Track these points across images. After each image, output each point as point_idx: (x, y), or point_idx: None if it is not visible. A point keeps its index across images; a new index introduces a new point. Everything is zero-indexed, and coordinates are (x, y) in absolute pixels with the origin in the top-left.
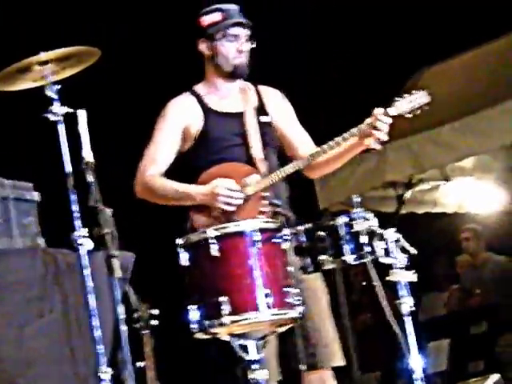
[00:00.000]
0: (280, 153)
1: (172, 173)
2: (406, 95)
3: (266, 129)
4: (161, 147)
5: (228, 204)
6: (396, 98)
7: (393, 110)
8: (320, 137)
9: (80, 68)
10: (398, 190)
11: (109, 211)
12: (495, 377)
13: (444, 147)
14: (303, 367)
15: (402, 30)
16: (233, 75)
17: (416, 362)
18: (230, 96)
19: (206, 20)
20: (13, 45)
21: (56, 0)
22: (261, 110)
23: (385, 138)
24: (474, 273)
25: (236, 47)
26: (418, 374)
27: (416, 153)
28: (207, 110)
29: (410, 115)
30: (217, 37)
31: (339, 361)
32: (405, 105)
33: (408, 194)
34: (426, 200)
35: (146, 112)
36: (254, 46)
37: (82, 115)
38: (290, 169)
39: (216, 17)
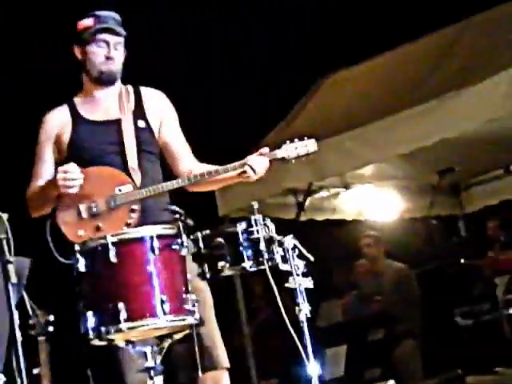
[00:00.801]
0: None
1: None
2: (295, 140)
3: (143, 134)
4: (40, 163)
5: (66, 186)
6: (286, 142)
7: (279, 153)
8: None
9: None
10: (297, 196)
11: (4, 216)
12: (390, 383)
13: (343, 155)
14: (200, 372)
15: (301, 40)
16: (99, 81)
17: (313, 368)
18: (106, 102)
19: (81, 24)
20: None
21: None
22: (138, 114)
23: (256, 177)
24: (373, 279)
25: (104, 53)
26: (315, 381)
27: (316, 160)
28: (77, 119)
29: (293, 161)
30: (87, 41)
31: (227, 363)
32: (292, 149)
33: (307, 201)
34: (325, 207)
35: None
36: (124, 54)
37: None
38: (170, 186)
39: (89, 22)
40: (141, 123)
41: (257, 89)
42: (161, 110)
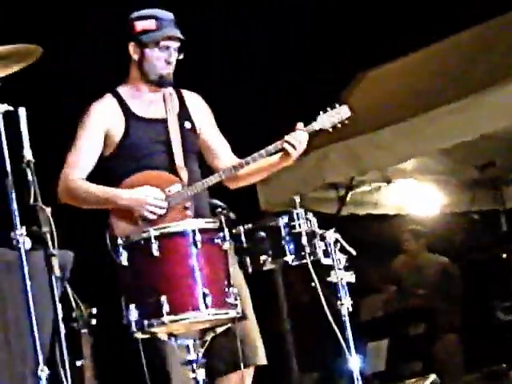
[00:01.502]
0: (200, 159)
1: (94, 178)
2: (328, 109)
3: (189, 135)
4: (82, 152)
5: (152, 213)
6: (320, 113)
7: (315, 125)
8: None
9: (21, 66)
10: (339, 191)
11: (48, 210)
12: (432, 377)
13: (384, 149)
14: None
15: (337, 37)
16: (158, 84)
17: (355, 362)
18: (154, 102)
19: (140, 25)
20: None
21: None
22: (183, 115)
23: (296, 154)
24: (415, 273)
25: (165, 58)
26: (356, 375)
27: (357, 155)
28: (129, 115)
29: (331, 130)
30: (148, 45)
31: (263, 360)
32: (326, 119)
33: (349, 196)
34: (366, 201)
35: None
36: (181, 57)
37: (22, 113)
38: (213, 179)
39: (150, 24)
40: (187, 124)
41: (257, 89)
42: (202, 111)
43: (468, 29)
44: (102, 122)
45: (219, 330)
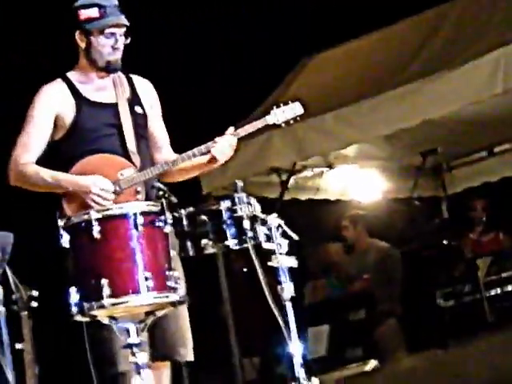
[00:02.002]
0: None
1: (44, 160)
2: (281, 105)
3: (140, 120)
4: (33, 135)
5: (96, 203)
6: (272, 107)
7: (269, 119)
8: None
9: None
10: (281, 176)
11: None
12: (373, 363)
13: (327, 135)
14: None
15: (282, 20)
16: (106, 70)
17: (296, 347)
18: (103, 88)
19: (83, 14)
20: None
21: None
22: (134, 100)
23: (224, 157)
24: (356, 259)
25: (111, 44)
26: (297, 360)
27: (300, 139)
28: (80, 99)
29: (283, 125)
30: (93, 33)
31: (190, 356)
32: (280, 114)
33: (291, 181)
34: (308, 186)
35: (24, 96)
36: (127, 42)
37: None
38: (157, 170)
39: (93, 12)
40: (138, 109)
41: (257, 89)
42: (151, 98)
43: (411, 16)
44: (52, 105)
45: (159, 313)
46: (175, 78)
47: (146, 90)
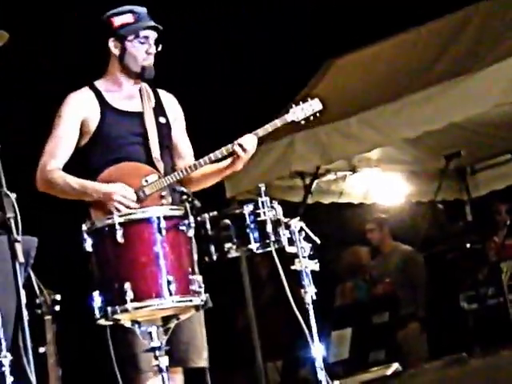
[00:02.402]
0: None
1: (70, 167)
2: (300, 102)
3: (164, 130)
4: (59, 142)
5: (117, 209)
6: (291, 105)
7: (288, 117)
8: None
9: None
10: (305, 179)
11: (12, 195)
12: (395, 366)
13: (351, 138)
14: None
15: (304, 25)
16: (140, 76)
17: (318, 350)
18: (130, 96)
19: (118, 21)
20: None
21: None
22: (159, 110)
23: (246, 157)
24: (380, 262)
25: (145, 49)
26: (319, 363)
27: (323, 143)
28: (105, 107)
29: (303, 122)
30: (128, 38)
31: (205, 362)
32: (299, 112)
33: (314, 184)
34: (332, 190)
35: (52, 99)
36: (159, 49)
37: None
38: (180, 174)
39: (128, 18)
40: (162, 119)
41: (257, 89)
42: (175, 111)
43: (436, 19)
44: (78, 111)
45: (183, 317)
46: (175, 78)
47: (171, 103)
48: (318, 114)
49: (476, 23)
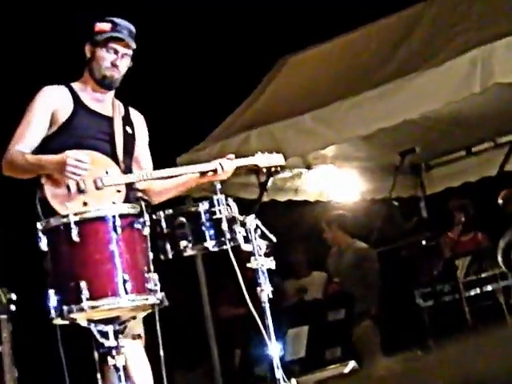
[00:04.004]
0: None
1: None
2: (266, 152)
3: (129, 139)
4: (29, 127)
5: (74, 174)
6: (258, 152)
7: (252, 159)
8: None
9: None
10: (260, 176)
11: None
12: (351, 364)
13: (305, 135)
14: None
15: (257, 22)
16: (100, 84)
17: (275, 348)
18: (101, 101)
19: (97, 27)
20: None
21: None
22: (127, 121)
23: (223, 177)
24: (335, 259)
25: (111, 59)
26: (276, 361)
27: (278, 140)
28: (78, 103)
29: (264, 170)
30: (99, 44)
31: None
32: (264, 159)
33: (270, 181)
34: (287, 187)
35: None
36: (130, 65)
37: None
38: (141, 175)
39: (106, 26)
40: (129, 129)
41: (211, 87)
42: (141, 129)
43: (389, 15)
44: (50, 102)
45: (139, 315)
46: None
47: (139, 120)
48: (278, 169)
49: (427, 20)
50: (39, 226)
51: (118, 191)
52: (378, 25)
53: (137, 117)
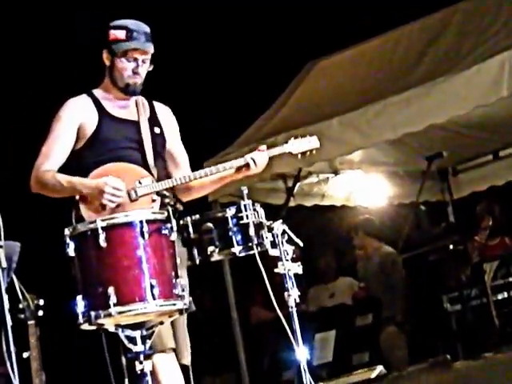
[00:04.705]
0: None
1: (65, 170)
2: (299, 137)
3: (158, 139)
4: (55, 145)
5: (110, 201)
6: (292, 138)
7: (286, 147)
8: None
9: None
10: (286, 182)
11: None
12: (379, 368)
13: (332, 140)
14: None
15: (286, 26)
16: (124, 92)
17: (302, 353)
18: (125, 106)
19: (112, 34)
20: None
21: None
22: (153, 121)
23: (256, 171)
24: (364, 264)
25: (132, 68)
26: (303, 365)
27: None
28: (102, 113)
29: (299, 156)
30: (117, 54)
31: (187, 360)
32: (297, 145)
33: (297, 187)
34: (314, 193)
35: (40, 108)
36: (150, 69)
37: None
38: (175, 181)
39: (121, 34)
40: (156, 129)
41: (240, 90)
42: (170, 122)
43: (416, 20)
44: (75, 116)
45: (167, 321)
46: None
47: (166, 115)
48: (314, 151)
49: (456, 24)
50: (67, 231)
51: (153, 200)
52: (405, 30)
53: (163, 111)
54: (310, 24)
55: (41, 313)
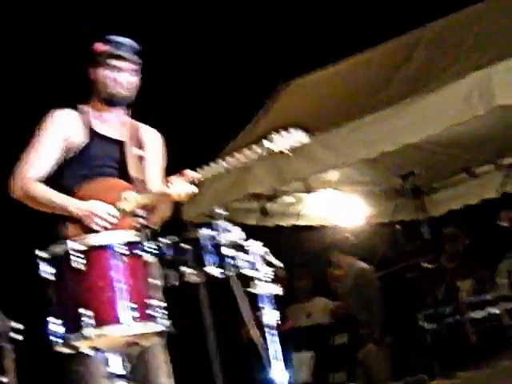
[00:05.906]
0: None
1: (48, 182)
2: (283, 132)
3: (138, 162)
4: (41, 153)
5: (99, 226)
6: (273, 133)
7: (270, 144)
8: None
9: None
10: (261, 202)
11: None
12: None
13: (306, 159)
14: None
15: (260, 46)
16: (108, 102)
17: (279, 374)
18: (111, 122)
19: (96, 47)
20: None
21: None
22: (136, 143)
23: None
24: (342, 281)
25: (114, 77)
26: None
27: (279, 165)
28: (90, 129)
29: (285, 152)
30: (100, 64)
31: None
32: (280, 141)
33: (271, 206)
34: (290, 212)
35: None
36: (137, 80)
37: None
38: (161, 191)
39: (105, 46)
40: (137, 151)
41: (213, 111)
42: (154, 145)
43: (389, 40)
44: (63, 129)
45: (145, 343)
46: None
47: (152, 138)
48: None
49: (426, 44)
50: (41, 254)
51: (135, 215)
52: (378, 50)
53: (150, 135)
54: (283, 45)
55: (20, 337)
